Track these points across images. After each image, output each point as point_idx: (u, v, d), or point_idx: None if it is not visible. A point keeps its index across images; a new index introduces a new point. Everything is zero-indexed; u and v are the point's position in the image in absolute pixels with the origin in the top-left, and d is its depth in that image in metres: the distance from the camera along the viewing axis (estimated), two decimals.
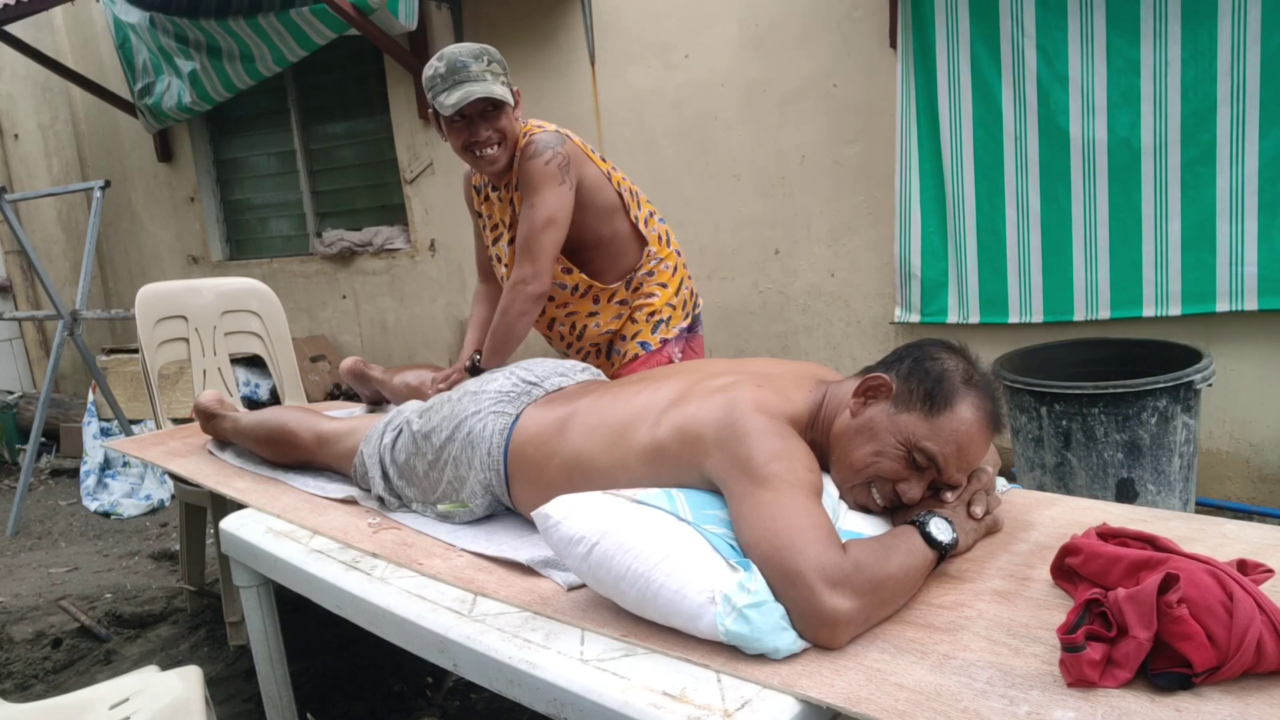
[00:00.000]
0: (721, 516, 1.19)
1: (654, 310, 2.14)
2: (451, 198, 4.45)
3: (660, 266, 2.15)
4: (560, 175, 1.94)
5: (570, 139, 2.02)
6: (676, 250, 2.21)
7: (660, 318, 2.14)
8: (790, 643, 1.03)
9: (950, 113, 3.10)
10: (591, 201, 2.04)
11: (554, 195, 1.93)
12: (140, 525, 3.79)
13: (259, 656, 1.71)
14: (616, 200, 2.09)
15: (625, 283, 2.13)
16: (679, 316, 2.17)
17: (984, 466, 1.34)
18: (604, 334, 2.17)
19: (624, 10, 3.80)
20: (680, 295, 2.18)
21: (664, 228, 2.20)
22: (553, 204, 1.93)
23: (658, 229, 2.17)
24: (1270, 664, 0.91)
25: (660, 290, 2.14)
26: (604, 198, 2.06)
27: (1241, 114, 2.67)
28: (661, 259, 2.15)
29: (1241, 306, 2.75)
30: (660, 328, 2.14)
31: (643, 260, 2.13)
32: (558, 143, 1.96)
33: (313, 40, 4.02)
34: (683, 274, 2.20)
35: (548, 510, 1.20)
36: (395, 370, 2.37)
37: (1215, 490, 2.99)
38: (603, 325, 2.16)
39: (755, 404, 1.25)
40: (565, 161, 1.95)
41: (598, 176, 2.05)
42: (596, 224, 2.07)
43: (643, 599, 1.11)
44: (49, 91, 5.59)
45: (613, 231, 2.10)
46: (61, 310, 3.99)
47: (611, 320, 2.16)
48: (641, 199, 2.17)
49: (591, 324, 2.16)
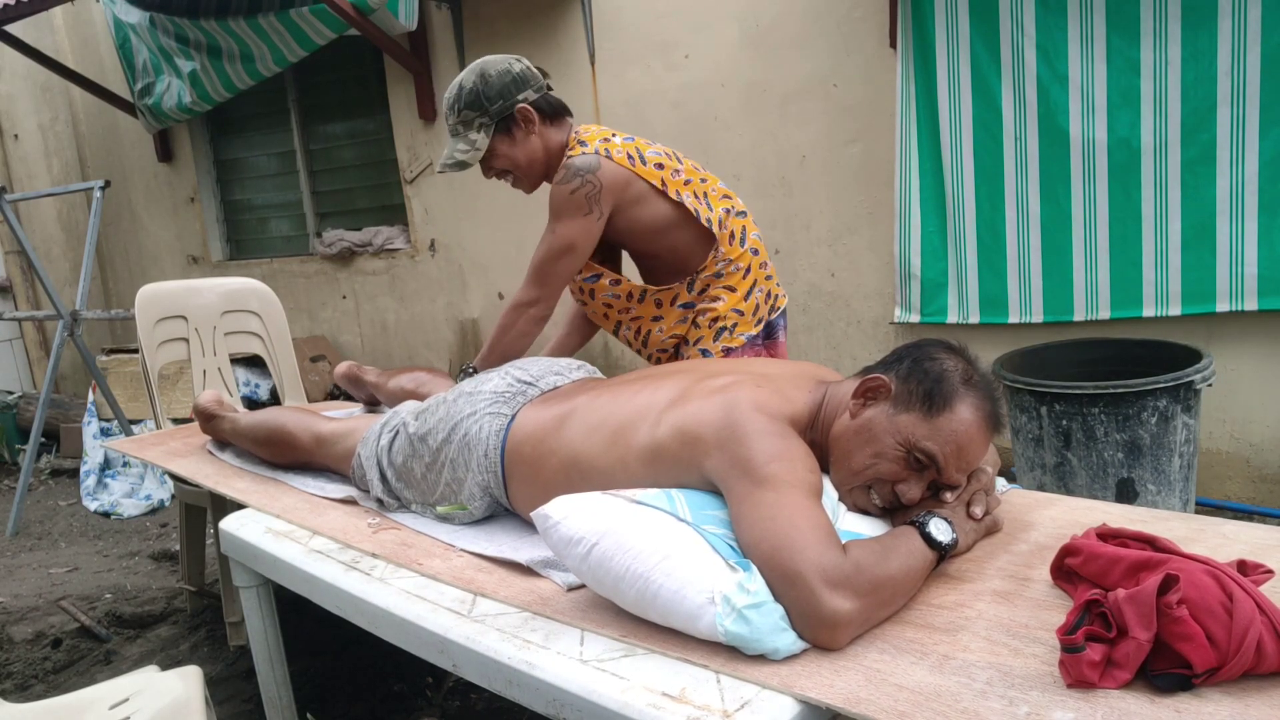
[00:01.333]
0: (721, 517, 1.19)
1: (717, 316, 1.97)
2: (451, 198, 4.45)
3: (729, 269, 1.97)
4: (587, 205, 1.84)
5: (610, 156, 1.87)
6: (752, 249, 2.00)
7: (724, 324, 1.97)
8: (790, 643, 1.03)
9: (950, 113, 3.10)
10: (638, 223, 1.91)
11: (576, 225, 1.85)
12: (140, 525, 3.79)
13: (258, 657, 1.71)
14: (671, 213, 1.91)
15: (688, 285, 1.97)
16: (747, 324, 1.98)
17: (984, 467, 1.34)
18: (670, 338, 2.03)
19: (624, 10, 3.80)
20: (751, 300, 1.99)
21: (740, 223, 1.99)
22: (574, 233, 1.85)
23: (731, 226, 1.97)
24: (1270, 665, 0.90)
25: (726, 294, 1.97)
26: (654, 215, 1.91)
27: (1241, 114, 2.67)
28: (731, 260, 1.96)
29: (1241, 306, 2.75)
30: (724, 335, 1.97)
31: (708, 262, 1.95)
32: (591, 168, 1.85)
33: (313, 40, 4.02)
34: (757, 275, 2.00)
35: (547, 510, 1.20)
36: (391, 373, 2.36)
37: (1215, 490, 2.99)
38: (667, 330, 2.01)
39: (755, 404, 1.25)
40: (595, 191, 1.84)
41: (644, 195, 1.89)
42: (647, 244, 1.96)
43: (642, 599, 1.10)
44: (49, 91, 5.59)
45: (670, 246, 1.95)
46: (61, 310, 3.99)
47: (676, 324, 2.01)
48: (711, 195, 1.97)
49: (656, 329, 2.02)
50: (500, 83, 1.89)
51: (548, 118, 1.94)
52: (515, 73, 1.91)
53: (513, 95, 1.89)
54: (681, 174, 1.94)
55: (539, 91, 1.94)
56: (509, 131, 1.92)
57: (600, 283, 1.99)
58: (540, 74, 1.97)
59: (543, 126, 1.93)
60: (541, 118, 1.93)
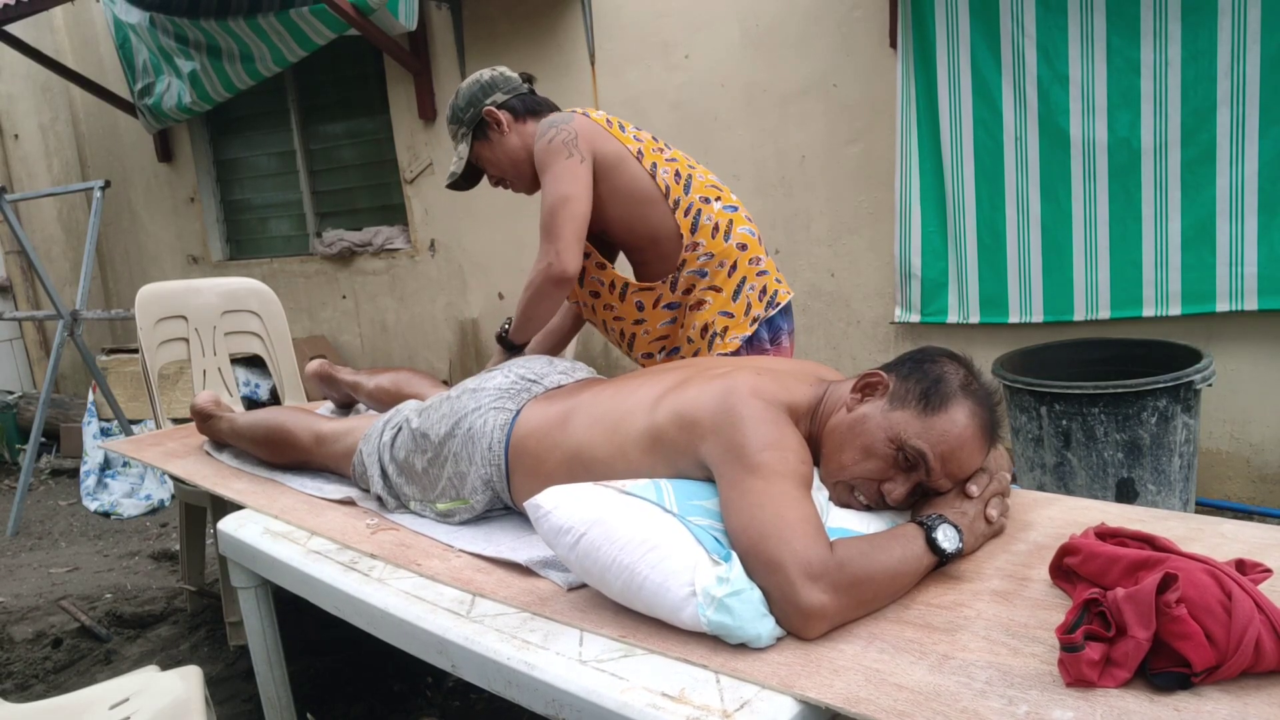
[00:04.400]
0: (708, 507, 1.20)
1: (707, 323, 1.86)
2: (451, 198, 4.45)
3: (714, 265, 1.85)
4: (566, 150, 1.79)
5: (589, 115, 1.86)
6: (739, 244, 1.87)
7: (714, 330, 1.86)
8: (771, 629, 1.05)
9: (950, 113, 3.09)
10: (615, 187, 1.84)
11: (563, 170, 1.78)
12: (140, 525, 3.79)
13: (257, 657, 1.71)
14: (650, 185, 1.84)
15: (670, 284, 1.88)
16: (740, 325, 1.86)
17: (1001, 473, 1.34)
18: (656, 341, 1.96)
19: (624, 10, 3.80)
20: (741, 299, 1.86)
21: (728, 216, 1.87)
22: (564, 178, 1.78)
23: (715, 218, 1.86)
24: (1269, 663, 0.90)
25: (712, 296, 1.85)
26: (631, 183, 1.84)
27: (1241, 114, 2.67)
28: (714, 254, 1.85)
29: (1241, 306, 2.75)
30: (716, 342, 1.86)
31: (689, 257, 1.85)
32: (564, 120, 1.83)
33: (312, 40, 4.02)
34: (745, 271, 1.86)
35: (539, 500, 1.21)
36: (371, 372, 2.35)
37: (1215, 490, 2.99)
38: (652, 333, 1.95)
39: (752, 390, 1.25)
40: (571, 137, 1.80)
41: (622, 158, 1.84)
42: (631, 224, 1.87)
43: (628, 590, 1.12)
44: (49, 91, 5.59)
45: (652, 230, 1.86)
46: (61, 310, 3.99)
47: (662, 327, 1.92)
48: (696, 182, 1.89)
49: (640, 331, 1.95)
50: (469, 93, 1.97)
51: (521, 115, 1.96)
52: (484, 80, 1.97)
53: (480, 101, 1.96)
54: (664, 153, 1.91)
55: (509, 93, 1.97)
56: (485, 136, 1.97)
57: (588, 261, 1.95)
58: (521, 78, 2.01)
59: (518, 125, 1.96)
60: (515, 116, 1.96)
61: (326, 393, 2.49)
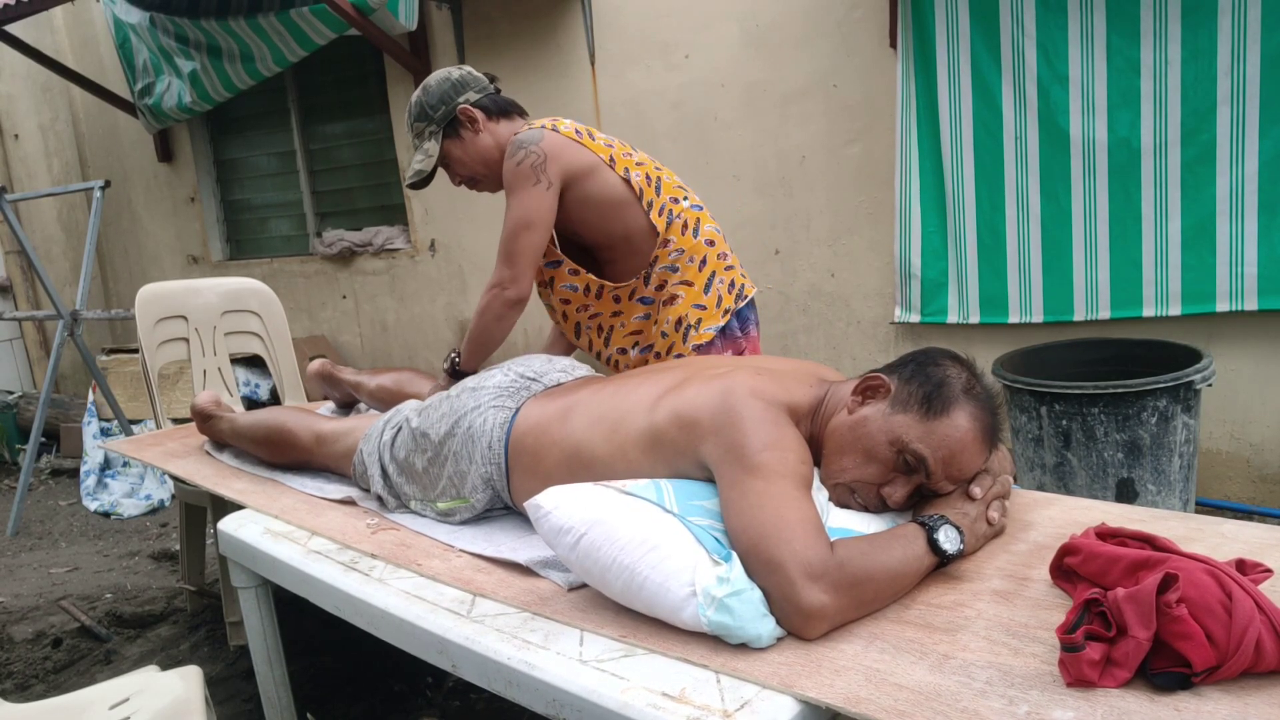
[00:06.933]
0: (708, 508, 1.20)
1: (680, 317, 1.93)
2: (452, 198, 4.44)
3: (684, 260, 1.93)
4: (534, 175, 1.83)
5: (558, 131, 1.89)
6: (707, 240, 1.96)
7: (688, 323, 1.93)
8: (771, 629, 1.05)
9: (950, 113, 3.10)
10: (590, 199, 1.89)
11: (529, 197, 1.83)
12: (140, 525, 3.79)
13: (257, 657, 1.71)
14: (622, 189, 1.90)
15: (644, 279, 1.94)
16: (713, 316, 1.94)
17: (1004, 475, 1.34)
18: (631, 334, 2.01)
19: (624, 10, 3.80)
20: (713, 292, 1.94)
21: (695, 214, 1.96)
22: (528, 206, 1.83)
23: (684, 216, 1.94)
24: (1269, 663, 0.90)
25: (684, 290, 1.93)
26: (604, 190, 1.89)
27: (1241, 114, 2.67)
28: (684, 250, 1.92)
29: (1241, 306, 2.75)
30: (691, 334, 1.93)
31: (660, 253, 1.92)
32: (534, 140, 1.85)
33: (313, 40, 4.02)
34: (714, 266, 1.95)
35: (539, 500, 1.21)
36: (373, 372, 2.36)
37: (1215, 490, 2.99)
38: (629, 326, 2.00)
39: (752, 390, 1.25)
40: (540, 160, 1.84)
41: (595, 167, 1.89)
42: (602, 227, 1.93)
43: (628, 590, 1.12)
44: (49, 91, 5.59)
45: (625, 229, 1.92)
46: (61, 310, 3.99)
47: (636, 321, 1.99)
48: (664, 183, 1.96)
49: (617, 324, 2.01)
50: (440, 90, 1.96)
51: (494, 115, 1.98)
52: (454, 78, 1.98)
53: (453, 99, 1.96)
54: (633, 157, 1.96)
55: (481, 92, 1.99)
56: (457, 134, 1.97)
57: (560, 270, 1.99)
58: (486, 78, 2.03)
59: (490, 124, 1.97)
60: (487, 115, 1.97)
61: (328, 392, 2.49)
